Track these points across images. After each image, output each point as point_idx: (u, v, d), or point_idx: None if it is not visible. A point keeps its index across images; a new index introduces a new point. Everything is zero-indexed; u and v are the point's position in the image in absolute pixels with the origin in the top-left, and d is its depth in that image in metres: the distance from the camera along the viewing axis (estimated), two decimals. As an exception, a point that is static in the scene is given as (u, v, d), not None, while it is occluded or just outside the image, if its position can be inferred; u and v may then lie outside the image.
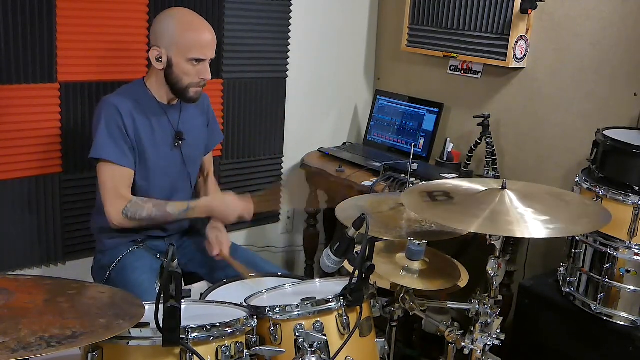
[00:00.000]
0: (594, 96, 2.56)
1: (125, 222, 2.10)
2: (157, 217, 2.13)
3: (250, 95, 3.01)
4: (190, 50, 2.08)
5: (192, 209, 2.17)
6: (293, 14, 3.07)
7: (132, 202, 2.10)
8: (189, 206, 2.17)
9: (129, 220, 2.10)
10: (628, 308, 2.05)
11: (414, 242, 1.98)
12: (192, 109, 2.30)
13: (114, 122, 2.09)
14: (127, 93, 2.17)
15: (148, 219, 2.12)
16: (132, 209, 2.09)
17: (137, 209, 2.09)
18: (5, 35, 2.28)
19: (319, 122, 3.38)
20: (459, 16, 2.90)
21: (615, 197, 2.03)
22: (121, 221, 2.10)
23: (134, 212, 2.09)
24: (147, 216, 2.11)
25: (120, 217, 2.09)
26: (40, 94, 2.41)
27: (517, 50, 2.70)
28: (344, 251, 1.73)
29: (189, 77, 2.12)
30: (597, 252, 2.10)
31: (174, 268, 1.37)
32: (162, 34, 2.10)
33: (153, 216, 2.11)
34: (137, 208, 2.10)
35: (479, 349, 1.78)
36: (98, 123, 2.10)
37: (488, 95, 2.94)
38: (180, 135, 2.24)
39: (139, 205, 2.10)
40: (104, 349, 1.43)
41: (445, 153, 2.97)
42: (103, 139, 2.09)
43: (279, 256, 3.41)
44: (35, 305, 1.35)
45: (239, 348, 1.52)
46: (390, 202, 2.16)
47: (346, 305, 1.64)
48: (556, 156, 2.70)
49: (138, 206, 2.10)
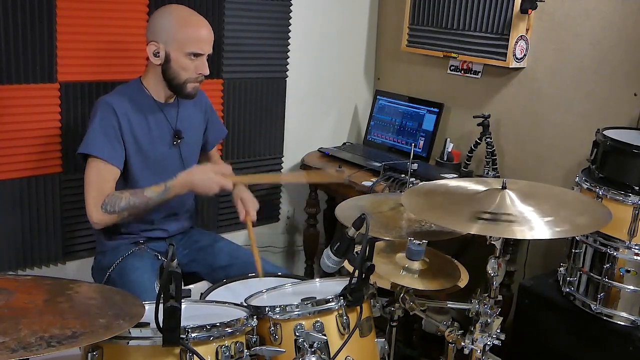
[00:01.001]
0: (594, 96, 2.56)
1: (106, 218, 2.04)
2: (137, 204, 2.05)
3: (250, 95, 3.01)
4: (188, 44, 2.09)
5: (170, 187, 2.07)
6: (293, 14, 3.07)
7: (109, 196, 2.04)
8: (166, 186, 2.07)
9: (109, 214, 2.03)
10: (628, 308, 2.05)
11: (414, 242, 1.98)
12: (189, 107, 2.30)
13: (108, 121, 2.08)
14: (123, 93, 2.17)
15: (128, 208, 2.04)
16: (109, 202, 2.03)
17: (114, 200, 2.03)
18: (5, 35, 2.28)
19: (319, 122, 3.38)
20: (459, 16, 2.90)
21: (615, 197, 2.03)
22: (101, 217, 2.04)
23: (113, 204, 2.03)
24: (126, 205, 2.04)
25: (99, 213, 2.03)
26: (40, 94, 2.41)
27: (517, 50, 2.70)
28: (344, 251, 1.73)
29: (187, 72, 2.12)
30: (597, 252, 2.10)
31: (174, 268, 1.37)
32: (161, 29, 2.10)
33: (132, 204, 2.04)
34: (114, 199, 2.04)
35: (479, 349, 1.78)
36: (92, 120, 2.09)
37: (488, 95, 2.94)
38: (178, 134, 2.24)
39: (116, 196, 2.05)
40: (104, 348, 1.43)
41: (445, 153, 2.97)
42: (95, 136, 2.07)
43: (279, 256, 3.41)
44: (35, 305, 1.35)
45: (239, 348, 1.52)
46: (390, 202, 2.16)
47: (346, 305, 1.64)
48: (556, 156, 2.70)
49: (115, 197, 2.04)
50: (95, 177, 2.07)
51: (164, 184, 2.08)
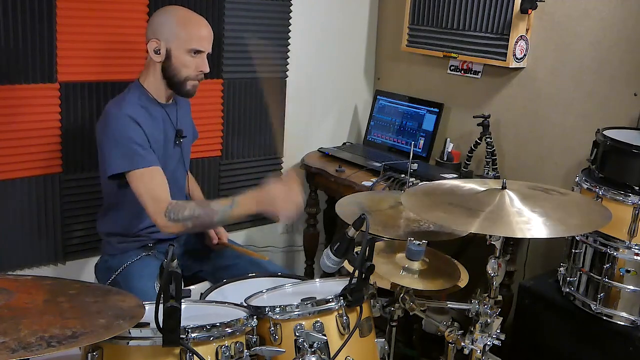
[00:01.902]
0: (594, 96, 2.56)
1: (171, 225, 1.99)
2: (201, 215, 2.00)
3: (250, 95, 3.01)
4: (190, 41, 2.09)
5: (238, 203, 2.00)
6: (293, 14, 3.06)
7: (172, 204, 2.00)
8: (233, 201, 2.00)
9: (174, 222, 1.98)
10: (628, 308, 2.05)
11: (414, 242, 1.98)
12: (184, 106, 2.33)
13: (135, 133, 2.05)
14: (133, 102, 2.12)
15: (192, 218, 1.99)
16: (173, 209, 1.99)
17: (178, 209, 1.99)
18: (5, 35, 2.28)
19: (319, 122, 3.38)
20: (459, 16, 2.90)
21: (615, 197, 2.03)
22: (167, 224, 1.98)
23: (176, 213, 1.98)
24: (190, 215, 1.98)
25: (165, 221, 1.98)
26: (40, 94, 2.41)
27: (517, 50, 2.70)
28: (344, 251, 1.73)
29: (188, 70, 2.12)
30: (597, 252, 2.10)
31: (174, 268, 1.37)
32: (162, 27, 2.10)
33: (196, 214, 1.99)
34: (177, 208, 1.99)
35: (479, 349, 1.78)
36: (120, 136, 2.03)
37: (488, 95, 2.94)
38: (180, 133, 2.26)
39: (180, 205, 2.01)
40: (104, 349, 1.44)
41: (445, 153, 2.97)
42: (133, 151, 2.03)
43: (279, 256, 3.41)
44: (35, 305, 1.35)
45: (239, 348, 1.52)
46: (389, 200, 2.16)
47: (346, 305, 1.64)
48: (556, 156, 2.70)
49: (179, 206, 2.00)
50: (145, 188, 2.02)
51: (232, 198, 2.02)
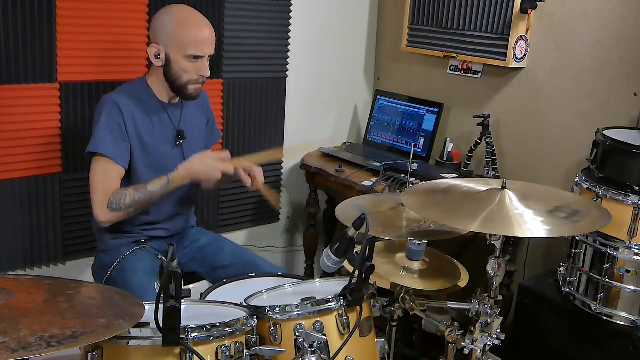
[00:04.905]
0: (594, 96, 2.56)
1: (112, 215, 2.06)
2: (141, 199, 2.07)
3: (250, 95, 3.01)
4: (187, 47, 2.09)
5: (173, 179, 2.09)
6: (293, 14, 3.06)
7: (113, 194, 2.06)
8: (168, 178, 2.09)
9: (115, 212, 2.06)
10: (628, 308, 2.05)
11: (414, 242, 1.98)
12: (193, 109, 2.30)
13: (114, 120, 2.09)
14: (128, 91, 2.17)
15: (133, 204, 2.06)
16: (114, 200, 2.05)
17: (119, 198, 2.05)
18: (5, 35, 2.28)
19: (319, 122, 3.38)
20: (459, 16, 2.90)
21: (615, 197, 2.03)
22: (108, 215, 2.06)
23: (118, 202, 2.05)
24: (131, 201, 2.06)
25: (106, 212, 2.05)
26: (40, 94, 2.41)
27: (517, 50, 2.70)
28: (344, 251, 1.72)
29: (188, 74, 2.12)
30: (597, 252, 2.10)
31: (174, 268, 1.37)
32: (160, 31, 2.10)
33: (137, 199, 2.06)
34: (119, 197, 2.06)
35: (479, 349, 1.78)
36: (98, 119, 2.10)
37: (488, 95, 2.94)
38: (181, 134, 2.25)
39: (120, 193, 2.07)
40: (104, 348, 1.43)
41: (445, 153, 2.97)
42: (102, 135, 2.08)
43: (279, 256, 3.41)
44: (35, 305, 1.35)
45: (239, 348, 1.52)
46: (390, 201, 2.16)
47: (346, 305, 1.64)
48: (556, 156, 2.70)
49: (120, 195, 2.06)
50: (101, 176, 2.09)
51: (166, 177, 2.10)
